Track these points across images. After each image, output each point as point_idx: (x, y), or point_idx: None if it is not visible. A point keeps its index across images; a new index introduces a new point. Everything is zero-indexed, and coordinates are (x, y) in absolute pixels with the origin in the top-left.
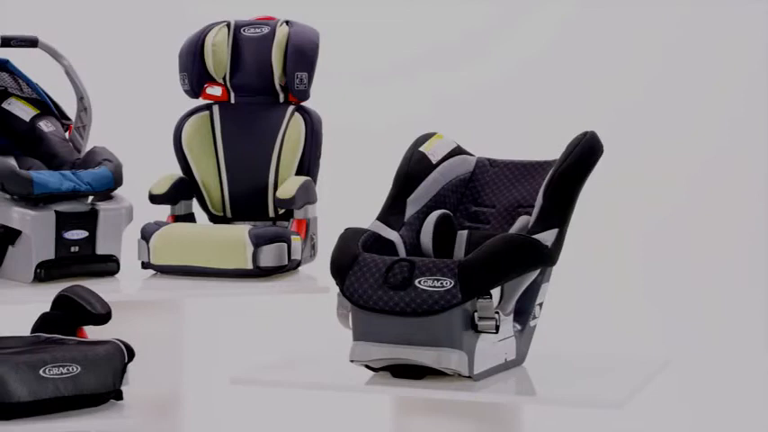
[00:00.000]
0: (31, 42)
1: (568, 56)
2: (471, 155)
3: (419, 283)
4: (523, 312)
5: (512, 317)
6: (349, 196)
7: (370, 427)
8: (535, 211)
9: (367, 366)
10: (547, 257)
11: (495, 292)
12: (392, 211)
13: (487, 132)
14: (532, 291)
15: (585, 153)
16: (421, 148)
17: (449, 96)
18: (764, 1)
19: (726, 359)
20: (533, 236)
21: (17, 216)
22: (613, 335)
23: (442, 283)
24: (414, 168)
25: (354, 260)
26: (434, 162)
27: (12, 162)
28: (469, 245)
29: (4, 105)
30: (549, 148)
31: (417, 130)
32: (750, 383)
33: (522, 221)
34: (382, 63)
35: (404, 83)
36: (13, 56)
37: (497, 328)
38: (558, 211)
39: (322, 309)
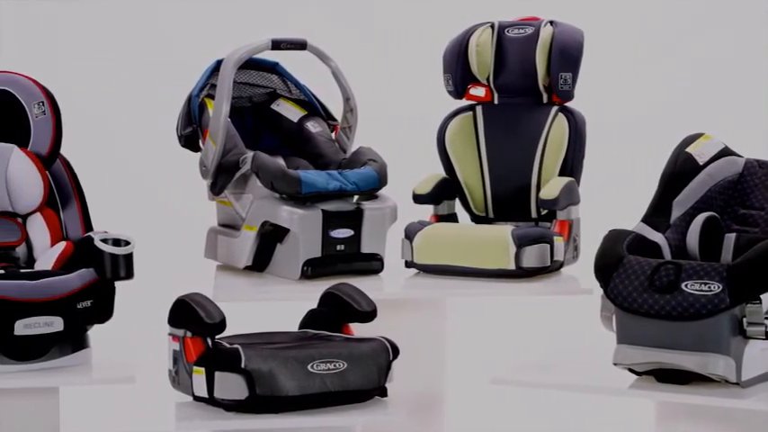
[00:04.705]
0: (300, 45)
1: None
2: (740, 156)
3: (686, 286)
4: None
5: None
6: (613, 197)
7: None
8: None
9: (630, 370)
10: None
11: (765, 296)
12: (657, 213)
13: (754, 132)
14: None
15: None
16: (688, 149)
17: (717, 94)
18: None
19: None
20: None
21: (286, 215)
22: None
23: (709, 287)
24: (680, 169)
25: (619, 262)
26: (701, 163)
27: (281, 162)
28: (737, 248)
29: (273, 107)
30: None
31: (684, 129)
32: None
33: None
34: (651, 61)
35: (673, 83)
36: (283, 58)
37: (767, 334)
38: None
39: (585, 310)
